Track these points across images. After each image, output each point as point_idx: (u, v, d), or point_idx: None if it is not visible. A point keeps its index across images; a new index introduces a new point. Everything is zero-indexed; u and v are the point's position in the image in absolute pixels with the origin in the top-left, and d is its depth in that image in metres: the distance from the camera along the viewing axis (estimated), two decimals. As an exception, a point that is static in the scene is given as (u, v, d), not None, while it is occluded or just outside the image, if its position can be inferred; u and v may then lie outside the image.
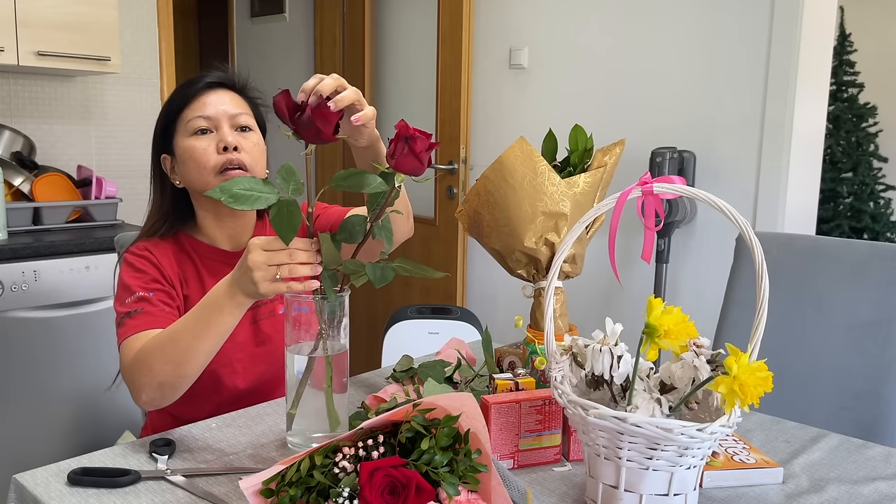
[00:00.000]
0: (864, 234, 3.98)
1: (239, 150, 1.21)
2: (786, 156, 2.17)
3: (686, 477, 0.84)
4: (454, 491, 0.74)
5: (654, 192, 0.89)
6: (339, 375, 1.00)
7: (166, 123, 1.26)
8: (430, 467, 0.75)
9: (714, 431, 0.79)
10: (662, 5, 2.40)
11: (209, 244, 1.29)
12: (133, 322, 1.13)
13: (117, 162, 2.83)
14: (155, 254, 1.23)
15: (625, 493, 0.84)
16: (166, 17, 2.90)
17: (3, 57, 2.20)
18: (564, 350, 0.94)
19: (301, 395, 0.99)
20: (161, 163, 1.29)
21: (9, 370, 2.08)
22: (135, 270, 1.21)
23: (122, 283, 1.20)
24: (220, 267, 1.28)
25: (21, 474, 0.95)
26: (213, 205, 1.26)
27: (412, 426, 0.77)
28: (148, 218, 1.31)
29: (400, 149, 0.91)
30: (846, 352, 1.43)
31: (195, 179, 1.22)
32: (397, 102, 3.32)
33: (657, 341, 0.83)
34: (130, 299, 1.16)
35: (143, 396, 1.07)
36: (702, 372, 0.86)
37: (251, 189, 0.90)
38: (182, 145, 1.23)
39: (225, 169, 1.20)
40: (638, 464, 0.83)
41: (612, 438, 0.82)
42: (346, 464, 0.74)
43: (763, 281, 0.81)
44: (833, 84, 3.91)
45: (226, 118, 1.22)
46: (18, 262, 2.08)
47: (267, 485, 0.75)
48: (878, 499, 0.96)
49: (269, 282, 0.93)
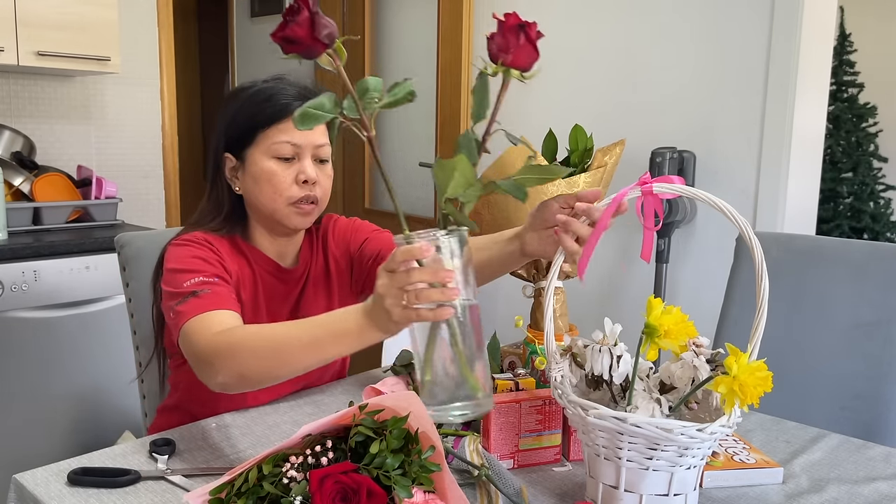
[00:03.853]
0: (864, 234, 3.98)
1: (316, 184, 1.19)
2: (786, 156, 2.17)
3: (686, 477, 0.84)
4: (406, 493, 0.73)
5: (654, 191, 0.89)
6: (471, 333, 0.84)
7: (245, 130, 1.19)
8: (381, 471, 0.73)
9: (714, 431, 0.79)
10: (663, 5, 2.40)
11: (264, 253, 1.25)
12: (199, 301, 1.06)
13: (117, 162, 2.83)
14: (216, 246, 1.18)
15: (625, 494, 0.85)
16: (166, 17, 2.89)
17: (3, 57, 2.20)
18: (564, 350, 0.94)
19: (430, 357, 0.84)
20: (223, 160, 1.23)
21: (9, 370, 2.08)
22: (195, 256, 1.14)
23: (180, 267, 1.12)
24: (273, 280, 1.25)
25: (21, 474, 0.95)
26: (269, 220, 1.22)
27: (361, 430, 0.76)
28: (203, 213, 1.24)
29: (513, 40, 0.79)
30: (846, 352, 1.43)
31: (265, 202, 1.19)
32: (397, 102, 3.32)
33: (657, 341, 0.84)
34: (193, 281, 1.09)
35: (218, 378, 0.99)
36: (701, 372, 0.86)
37: (318, 107, 0.82)
38: (260, 164, 1.17)
39: (299, 201, 1.18)
40: (638, 464, 0.83)
41: (611, 438, 0.82)
42: (293, 473, 0.73)
43: (763, 281, 0.81)
44: (833, 84, 3.91)
45: (310, 148, 1.18)
46: (18, 262, 2.08)
47: (215, 495, 0.75)
48: (878, 499, 0.96)
49: (401, 308, 0.82)
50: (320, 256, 1.32)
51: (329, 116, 0.81)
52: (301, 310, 1.29)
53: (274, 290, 1.25)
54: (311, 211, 1.20)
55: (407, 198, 3.32)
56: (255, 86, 1.21)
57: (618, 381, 0.90)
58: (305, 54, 0.79)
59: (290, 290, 1.28)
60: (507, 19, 0.80)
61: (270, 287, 1.24)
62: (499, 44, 0.79)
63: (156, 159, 2.93)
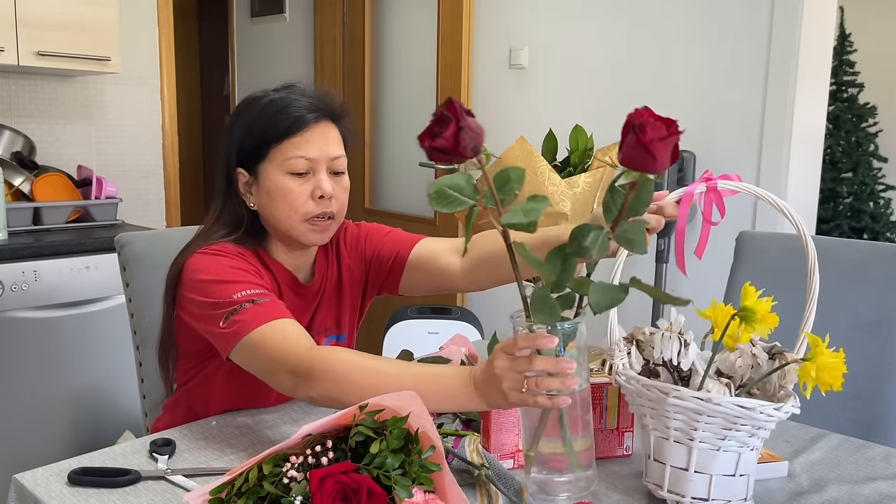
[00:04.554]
0: (864, 234, 3.98)
1: (333, 198, 1.16)
2: (786, 156, 2.17)
3: (750, 458, 0.89)
4: (406, 493, 0.73)
5: (718, 188, 0.96)
6: (578, 413, 0.88)
7: (257, 145, 1.15)
8: (381, 471, 0.74)
9: (787, 411, 0.85)
10: (663, 5, 2.40)
11: (285, 267, 1.22)
12: (261, 310, 1.04)
13: (117, 162, 2.83)
14: (248, 258, 1.15)
15: (695, 475, 0.89)
16: (166, 17, 2.89)
17: (3, 57, 2.20)
18: (628, 338, 0.98)
19: (540, 434, 0.88)
20: (235, 175, 1.18)
21: (9, 370, 2.08)
22: (235, 266, 1.11)
23: (222, 276, 1.09)
24: (293, 297, 1.22)
25: (21, 474, 0.95)
26: (285, 236, 1.19)
27: (361, 430, 0.76)
28: (216, 226, 1.20)
29: (628, 140, 0.75)
30: (846, 352, 1.43)
31: (280, 219, 1.15)
32: (397, 102, 3.32)
33: (753, 326, 0.87)
34: (245, 292, 1.06)
35: (311, 393, 0.99)
36: (761, 361, 0.91)
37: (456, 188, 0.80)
38: (274, 180, 1.14)
39: (315, 217, 1.15)
40: (710, 444, 0.87)
41: (688, 420, 0.87)
42: (294, 473, 0.73)
43: (814, 275, 0.94)
44: (833, 84, 3.90)
45: (325, 161, 1.15)
46: (18, 262, 2.08)
47: (215, 495, 0.75)
48: (878, 499, 0.96)
49: (518, 393, 0.84)
50: (334, 268, 1.30)
51: (468, 202, 0.81)
52: (315, 323, 1.26)
53: (294, 305, 1.20)
54: (327, 227, 1.18)
55: (407, 198, 3.32)
56: (266, 96, 1.17)
57: (685, 367, 0.94)
58: (449, 160, 0.81)
59: (307, 305, 1.25)
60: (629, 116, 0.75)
61: (291, 303, 1.19)
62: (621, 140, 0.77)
63: (156, 159, 2.93)
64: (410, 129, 3.28)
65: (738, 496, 0.89)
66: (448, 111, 0.78)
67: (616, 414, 1.05)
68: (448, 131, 0.78)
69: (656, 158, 0.73)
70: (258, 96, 1.18)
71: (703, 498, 0.89)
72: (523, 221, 0.77)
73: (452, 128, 0.78)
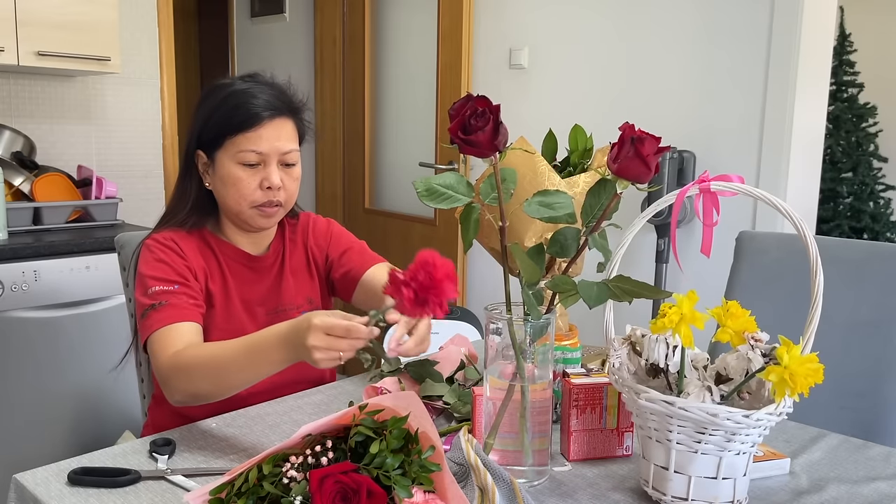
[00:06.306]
0: (864, 234, 3.98)
1: (281, 189, 1.23)
2: (786, 156, 2.17)
3: (736, 462, 0.88)
4: (406, 493, 0.73)
5: (712, 189, 0.95)
6: (538, 412, 0.93)
7: (215, 134, 1.23)
8: (381, 471, 0.74)
9: (760, 419, 0.83)
10: (663, 5, 2.40)
11: (233, 245, 1.31)
12: (158, 315, 1.14)
13: (117, 162, 2.83)
14: (181, 245, 1.24)
15: (674, 475, 0.89)
16: (166, 17, 2.90)
17: (3, 57, 2.20)
18: (624, 339, 0.98)
19: (498, 424, 0.93)
20: (195, 156, 1.27)
21: (9, 370, 2.08)
22: (158, 260, 1.21)
23: (145, 273, 1.20)
24: (243, 270, 1.31)
25: (21, 474, 0.95)
26: (235, 218, 1.28)
27: (361, 430, 0.76)
28: (172, 207, 1.31)
29: (625, 151, 0.82)
30: (846, 352, 1.43)
31: (229, 204, 1.24)
32: (397, 102, 3.32)
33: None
34: (154, 290, 1.17)
35: (175, 396, 1.10)
36: (754, 363, 0.90)
37: (448, 187, 0.86)
38: (226, 168, 1.22)
39: (263, 205, 1.23)
40: (687, 447, 0.87)
41: (661, 421, 0.87)
42: (293, 473, 0.74)
43: (818, 276, 0.91)
44: (833, 84, 3.91)
45: (276, 155, 1.23)
46: (18, 262, 2.08)
47: (215, 495, 0.75)
48: (878, 499, 0.96)
49: (329, 361, 0.94)
50: (300, 248, 1.38)
51: (463, 199, 0.85)
52: (283, 295, 1.34)
53: (244, 277, 1.31)
54: (274, 213, 1.26)
55: (407, 198, 3.32)
56: (231, 86, 1.25)
57: (673, 370, 0.94)
58: (478, 154, 0.85)
59: (261, 276, 1.33)
60: (623, 130, 0.84)
61: (240, 275, 1.30)
62: (613, 151, 0.85)
63: (156, 159, 2.94)
64: (410, 130, 3.28)
65: (722, 499, 0.88)
66: (486, 107, 0.83)
67: (616, 414, 1.05)
68: (488, 126, 0.82)
69: (650, 170, 0.83)
70: (223, 84, 1.26)
71: (683, 497, 0.89)
72: (558, 214, 0.84)
73: (492, 123, 0.82)
